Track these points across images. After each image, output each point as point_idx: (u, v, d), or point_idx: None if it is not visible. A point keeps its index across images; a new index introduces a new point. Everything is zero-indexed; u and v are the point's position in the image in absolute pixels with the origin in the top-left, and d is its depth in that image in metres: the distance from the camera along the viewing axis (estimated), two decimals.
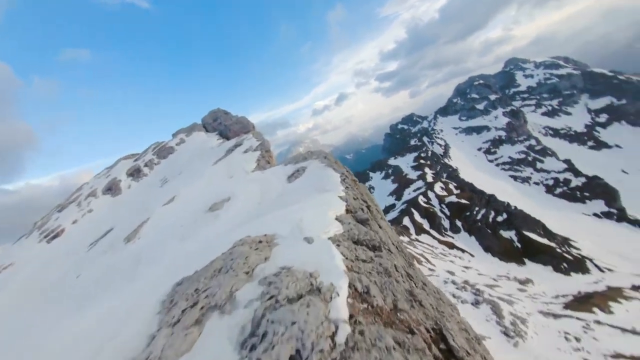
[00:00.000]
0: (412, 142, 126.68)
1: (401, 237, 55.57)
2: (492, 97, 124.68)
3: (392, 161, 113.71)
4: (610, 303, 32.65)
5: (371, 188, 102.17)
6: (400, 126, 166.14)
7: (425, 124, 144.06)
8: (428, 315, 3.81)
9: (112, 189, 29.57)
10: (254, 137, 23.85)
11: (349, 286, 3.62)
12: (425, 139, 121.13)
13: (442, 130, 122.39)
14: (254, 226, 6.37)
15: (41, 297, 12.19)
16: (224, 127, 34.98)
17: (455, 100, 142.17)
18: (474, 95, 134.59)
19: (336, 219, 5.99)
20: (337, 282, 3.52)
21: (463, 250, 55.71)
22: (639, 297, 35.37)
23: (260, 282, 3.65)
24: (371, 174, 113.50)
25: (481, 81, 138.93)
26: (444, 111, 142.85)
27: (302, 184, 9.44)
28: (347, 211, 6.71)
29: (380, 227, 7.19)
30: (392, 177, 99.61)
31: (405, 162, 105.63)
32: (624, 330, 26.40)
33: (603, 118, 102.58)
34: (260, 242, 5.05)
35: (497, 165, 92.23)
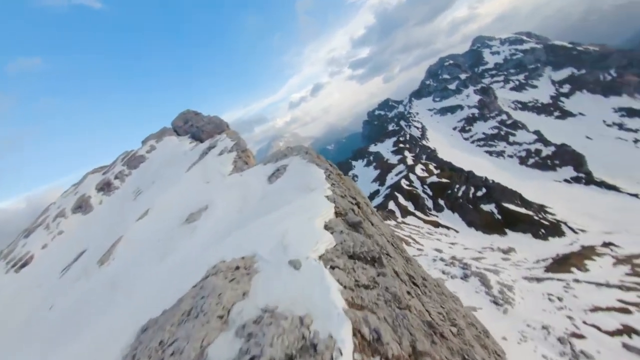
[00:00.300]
0: (390, 128, 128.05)
1: (388, 221, 56.47)
2: (463, 76, 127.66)
3: (372, 148, 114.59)
4: (586, 261, 34.79)
5: (355, 176, 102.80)
6: (377, 112, 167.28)
7: (401, 108, 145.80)
8: (453, 350, 3.35)
9: (82, 206, 27.68)
10: (228, 137, 22.70)
11: (354, 334, 2.87)
12: (402, 123, 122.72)
13: (417, 113, 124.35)
14: (231, 242, 5.68)
15: (11, 337, 11.11)
16: (196, 129, 33.47)
17: (427, 83, 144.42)
18: (445, 76, 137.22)
19: (325, 227, 5.32)
20: (337, 332, 2.78)
21: (448, 228, 57.44)
22: (610, 252, 37.93)
23: (237, 333, 2.95)
24: (354, 163, 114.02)
25: (451, 61, 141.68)
26: (418, 94, 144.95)
27: (285, 183, 8.82)
28: (337, 214, 6.07)
29: (372, 224, 6.71)
30: (374, 164, 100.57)
31: (385, 148, 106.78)
32: (599, 284, 28.20)
33: (566, 88, 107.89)
34: (237, 268, 4.21)
35: (473, 142, 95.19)
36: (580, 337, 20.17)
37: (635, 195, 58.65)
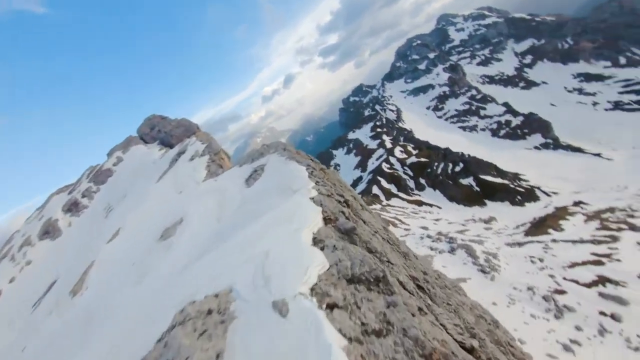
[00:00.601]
0: (366, 113, 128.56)
1: (373, 206, 57.14)
2: (431, 55, 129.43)
3: (351, 135, 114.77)
4: (560, 222, 36.83)
5: (337, 165, 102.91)
6: (352, 99, 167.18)
7: (375, 93, 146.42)
8: None
9: (49, 231, 25.63)
10: (198, 140, 21.32)
11: None
12: (377, 107, 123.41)
13: (391, 96, 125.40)
14: (205, 270, 4.99)
15: None
16: (164, 134, 31.66)
17: (398, 65, 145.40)
18: (415, 57, 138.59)
19: (314, 240, 4.53)
20: None
21: (431, 205, 59.02)
22: (580, 210, 40.37)
23: None
24: (334, 152, 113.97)
25: (419, 41, 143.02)
26: (390, 77, 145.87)
27: (264, 186, 7.93)
28: (326, 220, 5.31)
29: (364, 222, 6.14)
30: (354, 151, 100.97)
31: (363, 134, 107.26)
32: (574, 242, 29.96)
33: (528, 59, 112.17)
34: (209, 312, 3.42)
35: (446, 119, 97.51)
36: (562, 292, 21.38)
37: (598, 155, 62.61)
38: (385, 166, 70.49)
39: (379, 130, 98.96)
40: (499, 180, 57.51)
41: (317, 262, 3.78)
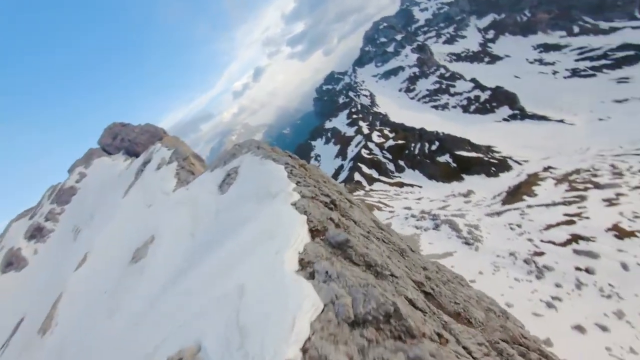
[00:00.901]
0: (341, 100, 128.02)
1: (357, 192, 57.48)
2: (398, 37, 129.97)
3: (328, 124, 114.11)
4: (533, 188, 38.69)
5: (317, 156, 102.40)
6: (324, 87, 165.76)
7: (347, 80, 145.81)
8: None
9: (12, 262, 23.45)
10: (163, 146, 19.83)
11: None
12: (351, 94, 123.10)
13: (364, 82, 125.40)
14: (174, 306, 4.28)
15: None
16: (129, 142, 29.64)
17: (367, 49, 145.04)
18: (382, 39, 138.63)
19: (301, 264, 3.71)
20: None
21: (412, 185, 60.28)
22: (550, 175, 42.60)
23: None
24: (313, 143, 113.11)
25: (385, 24, 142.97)
26: (360, 62, 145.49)
27: (239, 191, 7.20)
28: (313, 233, 4.52)
29: (356, 222, 5.44)
30: (333, 140, 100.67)
31: (340, 122, 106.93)
32: (547, 205, 31.56)
33: (491, 34, 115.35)
34: None
35: (419, 100, 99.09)
36: (541, 254, 22.51)
37: (562, 121, 66.16)
38: (364, 152, 70.89)
39: (355, 116, 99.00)
40: (473, 154, 59.47)
41: (308, 303, 2.90)
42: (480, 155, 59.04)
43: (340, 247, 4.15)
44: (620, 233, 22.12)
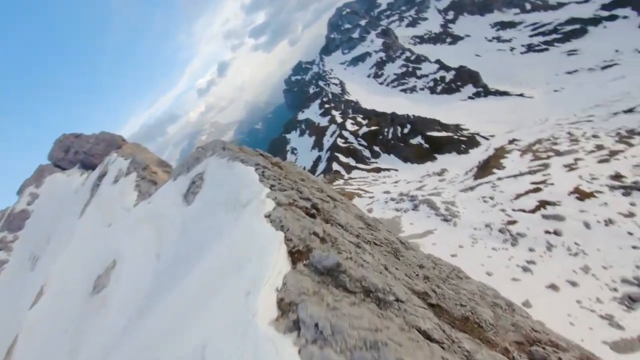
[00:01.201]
0: (311, 91, 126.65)
1: (336, 182, 57.55)
2: (362, 22, 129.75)
3: (301, 116, 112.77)
4: (501, 160, 40.59)
5: (294, 150, 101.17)
6: (293, 78, 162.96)
7: (315, 69, 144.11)
8: None
9: None
10: (119, 156, 17.87)
11: None
12: (321, 83, 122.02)
13: (332, 70, 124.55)
14: None
15: None
16: (84, 155, 26.97)
17: (332, 36, 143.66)
18: (347, 26, 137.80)
19: (281, 307, 2.85)
20: None
21: (388, 169, 61.39)
22: (515, 147, 44.90)
23: None
24: (288, 136, 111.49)
25: (348, 10, 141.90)
26: (327, 50, 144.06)
27: (206, 200, 6.39)
28: (294, 256, 3.62)
29: (343, 226, 4.77)
30: (308, 131, 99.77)
31: (313, 112, 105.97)
32: (515, 176, 33.21)
33: (451, 15, 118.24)
34: None
35: (387, 85, 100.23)
36: (513, 222, 23.66)
37: (521, 95, 69.82)
38: (340, 141, 70.91)
39: (327, 106, 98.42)
40: (443, 134, 61.40)
41: None
42: (450, 134, 61.08)
43: (330, 273, 3.27)
44: (581, 195, 23.70)
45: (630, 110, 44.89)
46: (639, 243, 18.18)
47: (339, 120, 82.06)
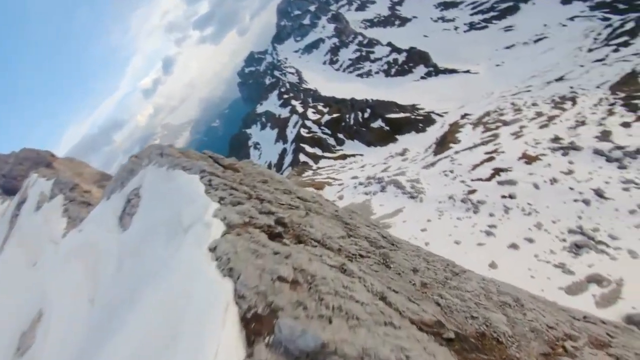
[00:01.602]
0: (267, 82, 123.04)
1: (305, 174, 57.09)
2: (312, 8, 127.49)
3: (259, 109, 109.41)
4: (456, 135, 42.96)
5: (257, 144, 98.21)
6: (247, 70, 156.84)
7: (269, 59, 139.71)
8: None
9: None
10: (40, 177, 14.79)
11: None
12: (276, 73, 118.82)
13: (286, 59, 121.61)
14: None
15: None
16: (3, 178, 23.12)
17: (282, 24, 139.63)
18: (297, 12, 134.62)
19: None
20: None
21: (354, 155, 62.30)
22: (467, 121, 47.75)
23: None
24: (249, 131, 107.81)
25: None
26: (278, 38, 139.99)
27: (144, 223, 5.12)
28: (250, 328, 2.28)
29: (320, 243, 3.76)
30: (269, 124, 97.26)
31: (272, 104, 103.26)
32: (470, 148, 35.35)
33: None
34: None
35: (344, 70, 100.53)
36: (473, 191, 25.21)
37: (468, 72, 74.22)
38: (303, 131, 70.09)
39: (285, 96, 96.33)
40: (401, 115, 63.41)
41: None
42: (408, 114, 63.27)
43: (311, 358, 2.04)
44: (528, 159, 25.86)
45: (560, 79, 49.89)
46: (578, 196, 20.37)
47: (300, 110, 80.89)
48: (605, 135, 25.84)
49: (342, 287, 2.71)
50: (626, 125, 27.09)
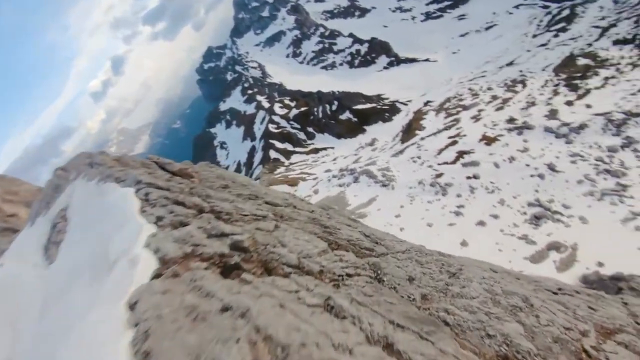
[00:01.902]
0: (229, 77, 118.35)
1: (278, 171, 56.00)
2: None
3: (223, 106, 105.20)
4: (421, 122, 44.39)
5: (223, 144, 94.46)
6: (206, 66, 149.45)
7: (229, 54, 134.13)
8: None
9: None
10: None
11: None
12: (238, 68, 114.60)
13: (247, 53, 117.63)
14: None
15: None
16: None
17: (241, 17, 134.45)
18: (254, 4, 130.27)
19: None
20: None
21: (325, 148, 62.24)
22: (430, 108, 49.50)
23: None
24: (213, 131, 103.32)
25: None
26: (237, 32, 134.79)
27: (71, 257, 3.93)
28: None
29: (298, 267, 3.01)
30: (235, 122, 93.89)
31: (236, 101, 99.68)
32: (434, 134, 36.71)
33: None
34: None
35: (307, 63, 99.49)
36: (440, 175, 26.22)
37: (427, 60, 76.89)
38: (271, 127, 68.48)
39: (249, 92, 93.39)
40: (368, 105, 64.30)
41: None
42: (374, 104, 64.30)
43: None
44: (488, 140, 27.35)
45: (511, 63, 53.41)
46: (534, 171, 21.95)
47: (266, 105, 78.88)
48: (552, 114, 28.09)
49: (334, 349, 1.85)
50: (569, 103, 29.67)
